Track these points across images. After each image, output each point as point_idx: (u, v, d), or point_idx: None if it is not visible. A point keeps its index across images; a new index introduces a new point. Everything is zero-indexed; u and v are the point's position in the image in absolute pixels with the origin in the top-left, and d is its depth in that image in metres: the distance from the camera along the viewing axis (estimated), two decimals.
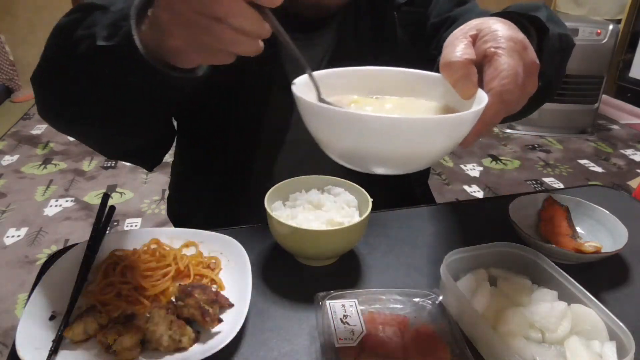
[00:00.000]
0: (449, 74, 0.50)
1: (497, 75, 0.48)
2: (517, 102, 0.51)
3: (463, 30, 0.53)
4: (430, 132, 0.42)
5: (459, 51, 0.50)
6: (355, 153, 0.45)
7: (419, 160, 0.46)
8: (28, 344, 0.53)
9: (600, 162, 3.08)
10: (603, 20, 3.50)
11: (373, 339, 0.55)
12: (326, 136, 0.46)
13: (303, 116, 0.47)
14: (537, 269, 0.65)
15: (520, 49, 0.50)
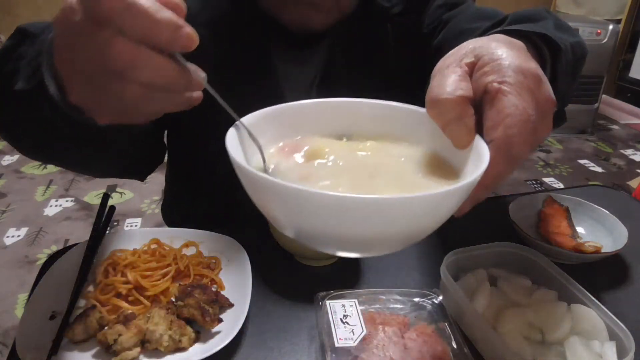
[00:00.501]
0: (438, 115, 0.39)
1: (501, 122, 0.36)
2: (527, 155, 0.40)
3: (456, 56, 0.41)
4: (407, 213, 0.32)
5: (450, 85, 0.38)
6: (311, 236, 0.35)
7: (395, 244, 0.37)
8: (28, 344, 0.53)
9: (600, 162, 3.08)
10: (603, 20, 3.50)
11: (373, 339, 0.55)
12: (270, 212, 0.35)
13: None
14: (537, 269, 0.65)
15: (533, 83, 0.38)
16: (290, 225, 0.36)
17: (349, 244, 0.36)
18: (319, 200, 0.30)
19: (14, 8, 3.74)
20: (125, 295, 0.62)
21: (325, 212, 0.31)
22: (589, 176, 2.90)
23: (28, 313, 0.57)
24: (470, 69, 0.40)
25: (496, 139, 0.36)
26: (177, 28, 0.34)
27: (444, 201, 0.33)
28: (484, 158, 0.35)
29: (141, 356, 0.54)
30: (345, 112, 0.46)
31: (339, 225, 0.32)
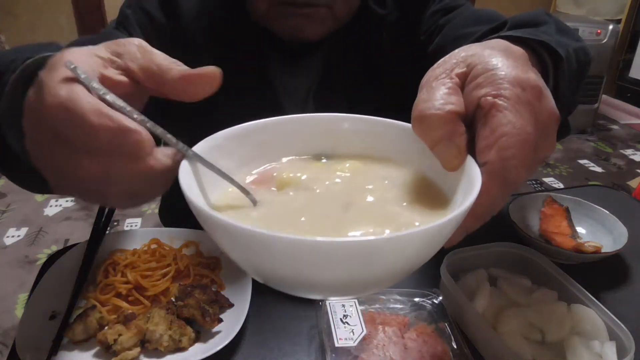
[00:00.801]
0: (424, 133, 0.34)
1: (495, 142, 0.32)
2: (525, 178, 0.35)
3: (446, 66, 0.37)
4: (388, 254, 0.27)
5: (439, 99, 0.34)
6: (280, 280, 0.31)
7: (377, 284, 0.33)
8: (28, 344, 0.53)
9: (600, 162, 3.08)
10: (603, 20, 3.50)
11: (373, 339, 0.55)
12: (233, 254, 0.31)
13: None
14: (537, 269, 0.65)
15: (532, 97, 0.34)
16: (250, 270, 0.32)
17: (317, 289, 0.31)
18: (275, 243, 0.26)
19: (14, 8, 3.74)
20: (125, 295, 0.62)
21: (285, 257, 0.27)
22: (589, 176, 2.90)
23: (28, 313, 0.57)
24: (462, 80, 0.36)
25: (490, 162, 0.32)
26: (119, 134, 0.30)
27: (426, 239, 0.28)
28: (474, 185, 0.31)
29: (141, 356, 0.54)
30: (323, 129, 0.42)
31: (300, 271, 0.28)
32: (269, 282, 0.32)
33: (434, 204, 0.36)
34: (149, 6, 0.75)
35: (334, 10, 0.73)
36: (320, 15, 0.73)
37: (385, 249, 0.27)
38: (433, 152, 0.35)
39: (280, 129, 0.41)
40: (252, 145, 0.40)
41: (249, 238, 0.27)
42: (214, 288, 0.63)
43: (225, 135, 0.39)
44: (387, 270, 0.29)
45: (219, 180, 0.36)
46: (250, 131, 0.40)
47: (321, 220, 0.34)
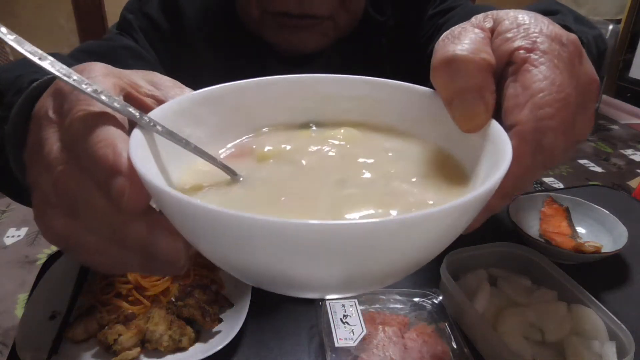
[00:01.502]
0: (447, 81, 0.29)
1: (528, 100, 0.26)
2: (563, 152, 0.28)
3: (471, 20, 0.32)
4: (395, 242, 0.21)
5: (471, 43, 0.28)
6: (261, 276, 0.25)
7: (381, 280, 0.26)
8: (28, 344, 0.53)
9: (600, 162, 3.08)
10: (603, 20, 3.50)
11: (373, 339, 0.55)
12: (201, 245, 0.26)
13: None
14: (537, 269, 0.65)
15: (573, 55, 0.29)
16: (225, 264, 0.27)
17: (308, 285, 0.25)
18: (251, 228, 0.20)
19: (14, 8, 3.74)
20: (125, 295, 0.62)
21: (266, 246, 0.21)
22: (589, 176, 2.90)
23: (28, 313, 0.57)
24: (491, 34, 0.30)
25: (521, 122, 0.26)
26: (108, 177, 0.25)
27: (446, 222, 0.22)
28: (505, 152, 0.25)
29: (141, 356, 0.54)
30: (313, 93, 0.35)
31: (284, 263, 0.22)
32: (249, 278, 0.27)
33: (451, 179, 0.30)
34: (151, 11, 0.75)
35: (336, 22, 0.72)
36: (323, 28, 0.71)
37: (393, 235, 0.21)
38: (450, 107, 0.29)
39: (261, 92, 0.34)
40: (226, 112, 0.33)
41: (220, 222, 0.21)
42: (214, 288, 0.63)
43: (193, 99, 0.32)
44: (393, 261, 0.23)
45: (184, 154, 0.29)
46: (224, 94, 0.33)
47: (310, 200, 0.28)
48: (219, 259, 0.26)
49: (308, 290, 0.27)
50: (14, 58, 3.74)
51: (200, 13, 0.77)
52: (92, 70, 0.29)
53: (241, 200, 0.28)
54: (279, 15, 0.69)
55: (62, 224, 0.28)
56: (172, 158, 0.30)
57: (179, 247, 0.27)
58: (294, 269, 0.23)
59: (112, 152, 0.25)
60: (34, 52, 0.26)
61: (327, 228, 0.20)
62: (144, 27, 0.74)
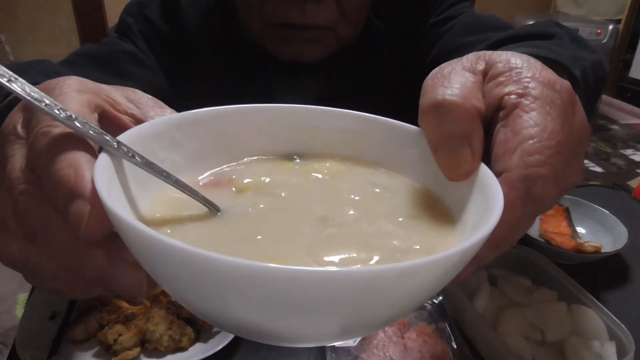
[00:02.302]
0: (435, 125, 0.28)
1: (517, 146, 0.25)
2: (554, 201, 0.29)
3: (462, 61, 0.31)
4: (376, 293, 0.19)
5: (462, 88, 0.28)
6: (212, 318, 0.23)
7: (362, 329, 0.25)
8: (28, 344, 0.53)
9: (600, 162, 3.08)
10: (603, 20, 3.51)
11: (373, 339, 0.55)
12: (160, 281, 0.23)
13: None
14: (537, 269, 0.65)
15: (566, 102, 0.28)
16: (178, 297, 0.24)
17: (266, 334, 0.23)
18: (217, 269, 0.18)
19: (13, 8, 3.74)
20: None
21: (233, 289, 0.19)
22: (589, 176, 2.90)
23: (28, 313, 0.57)
24: (483, 77, 0.30)
25: (510, 169, 0.25)
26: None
27: (433, 274, 0.21)
28: (496, 200, 0.24)
29: (141, 356, 0.54)
30: (299, 124, 0.34)
31: (250, 309, 0.20)
32: (216, 323, 0.25)
33: (438, 223, 0.29)
34: (151, 15, 0.74)
35: (338, 32, 0.71)
36: (324, 38, 0.71)
37: (375, 285, 0.19)
38: (436, 152, 0.28)
39: (244, 119, 0.33)
40: (206, 138, 0.32)
41: (183, 260, 0.19)
42: None
43: (172, 121, 0.30)
44: (374, 313, 0.21)
45: (157, 181, 0.27)
46: (205, 119, 0.31)
47: (287, 239, 0.26)
48: (182, 300, 0.24)
49: (281, 340, 0.24)
50: (14, 58, 3.74)
51: (201, 19, 0.76)
52: (65, 85, 0.27)
53: (213, 236, 0.26)
54: (280, 26, 0.69)
55: (18, 248, 0.26)
56: (144, 184, 0.28)
57: (140, 280, 0.25)
58: (259, 316, 0.21)
59: (74, 174, 0.23)
60: (3, 74, 0.24)
61: (294, 274, 0.18)
62: (144, 31, 0.74)
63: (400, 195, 0.31)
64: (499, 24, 0.70)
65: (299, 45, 0.71)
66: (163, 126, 0.30)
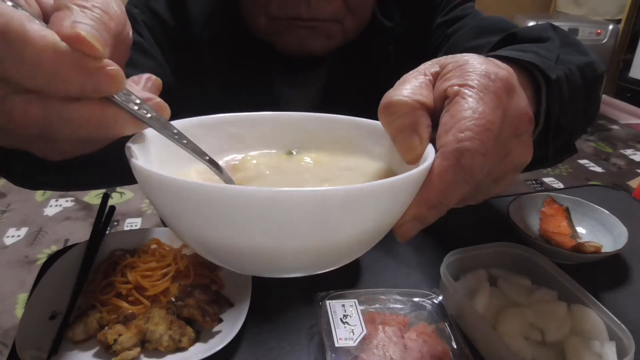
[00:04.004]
0: (389, 121, 0.34)
1: (452, 126, 0.31)
2: (491, 182, 0.35)
3: (422, 67, 0.37)
4: (311, 210, 0.26)
5: (408, 89, 0.34)
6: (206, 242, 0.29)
7: (330, 252, 0.30)
8: (28, 344, 0.53)
9: (600, 162, 3.08)
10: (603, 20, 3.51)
11: (373, 339, 0.55)
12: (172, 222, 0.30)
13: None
14: (537, 269, 0.65)
15: (500, 89, 0.32)
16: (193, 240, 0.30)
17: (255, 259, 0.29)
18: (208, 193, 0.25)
19: None
20: (125, 295, 0.62)
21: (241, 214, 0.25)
22: (589, 176, 2.90)
23: (28, 313, 0.57)
24: (434, 78, 0.36)
25: (444, 144, 0.30)
26: (90, 72, 0.26)
27: (365, 199, 0.27)
28: (427, 162, 0.30)
29: (141, 356, 0.54)
30: (296, 127, 0.41)
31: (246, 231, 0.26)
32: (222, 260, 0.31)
33: None
34: (157, 7, 0.74)
35: (343, 24, 0.71)
36: (329, 30, 0.71)
37: (337, 202, 0.26)
38: (395, 142, 0.34)
39: (253, 123, 0.41)
40: (222, 137, 0.39)
41: (186, 190, 0.25)
42: (214, 288, 0.63)
43: (193, 122, 0.37)
44: (340, 232, 0.28)
45: (176, 159, 0.34)
46: (222, 122, 0.39)
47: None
48: (183, 231, 0.30)
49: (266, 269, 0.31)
50: None
51: (205, 13, 0.76)
52: None
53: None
54: (287, 21, 0.69)
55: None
56: (166, 162, 0.34)
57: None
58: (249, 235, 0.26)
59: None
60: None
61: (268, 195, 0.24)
62: (149, 22, 0.74)
63: (367, 173, 0.38)
64: (506, 26, 0.70)
65: (305, 36, 0.71)
66: (189, 125, 0.37)
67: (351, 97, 0.79)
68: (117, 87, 0.27)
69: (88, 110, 0.27)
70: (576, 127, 0.58)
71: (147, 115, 0.30)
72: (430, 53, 0.78)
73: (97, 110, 0.27)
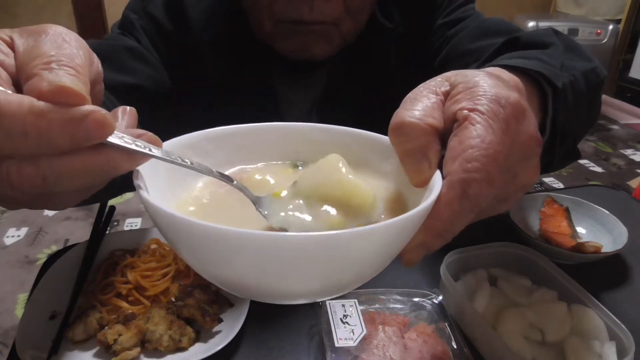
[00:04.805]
0: (399, 142, 0.34)
1: (460, 154, 0.31)
2: (497, 202, 0.35)
3: (431, 84, 0.36)
4: (314, 254, 0.26)
5: (419, 109, 0.33)
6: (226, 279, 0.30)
7: (336, 284, 0.31)
8: (28, 344, 0.53)
9: (600, 162, 3.08)
10: (603, 20, 3.51)
11: (373, 339, 0.55)
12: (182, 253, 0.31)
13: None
14: (537, 269, 0.65)
15: (510, 115, 0.32)
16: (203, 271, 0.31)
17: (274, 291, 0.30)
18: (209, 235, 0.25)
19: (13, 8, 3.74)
20: (125, 295, 0.62)
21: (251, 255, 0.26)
22: (589, 176, 2.90)
23: (28, 313, 0.57)
24: (445, 98, 0.35)
25: (451, 173, 0.31)
26: (77, 123, 0.25)
27: (376, 240, 0.27)
28: (432, 194, 0.30)
29: (141, 356, 0.54)
30: (303, 138, 0.41)
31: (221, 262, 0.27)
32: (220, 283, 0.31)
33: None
34: (155, 11, 0.74)
35: (341, 28, 0.71)
36: (328, 33, 0.71)
37: (347, 244, 0.26)
38: (403, 163, 0.34)
39: (261, 135, 0.41)
40: (231, 149, 0.40)
41: (201, 234, 0.26)
42: (214, 288, 0.63)
43: (203, 135, 0.38)
44: (354, 267, 0.29)
45: (182, 183, 0.36)
46: (230, 133, 0.39)
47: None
48: (200, 266, 0.31)
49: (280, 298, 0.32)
50: None
51: (205, 16, 0.76)
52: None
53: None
54: (291, 24, 0.69)
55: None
56: (174, 189, 0.35)
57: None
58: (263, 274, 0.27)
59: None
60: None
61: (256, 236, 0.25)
62: (147, 27, 0.74)
63: (380, 193, 0.38)
64: (506, 28, 0.71)
65: (306, 40, 0.71)
66: (197, 139, 0.37)
67: (352, 98, 0.79)
68: (108, 130, 0.26)
69: (81, 159, 0.27)
70: (579, 132, 0.58)
71: (146, 149, 0.29)
72: (430, 54, 0.78)
73: (90, 157, 0.27)
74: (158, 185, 0.33)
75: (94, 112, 0.26)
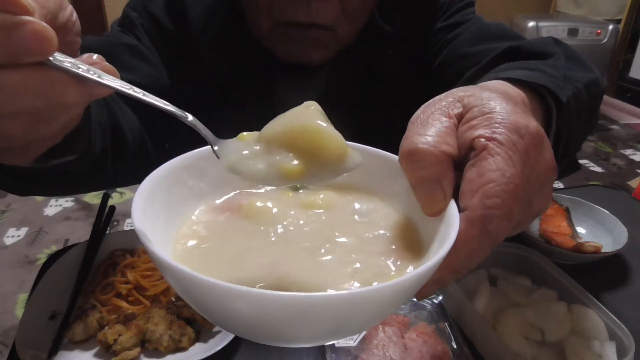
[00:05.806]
0: (411, 170, 0.32)
1: (479, 187, 0.29)
2: (508, 233, 0.33)
3: (442, 103, 0.34)
4: (333, 314, 0.25)
5: (435, 136, 0.32)
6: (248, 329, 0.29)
7: (337, 334, 0.31)
8: (28, 344, 0.53)
9: (600, 162, 3.08)
10: (603, 20, 3.50)
11: (373, 339, 0.55)
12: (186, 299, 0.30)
13: None
14: (537, 269, 0.65)
15: (531, 146, 0.31)
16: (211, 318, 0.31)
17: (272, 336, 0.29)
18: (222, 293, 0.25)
19: None
20: (125, 295, 0.62)
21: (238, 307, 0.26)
22: (589, 176, 2.90)
23: (28, 313, 0.57)
24: (458, 121, 0.33)
25: (471, 208, 0.29)
26: (10, 29, 0.23)
27: (387, 297, 0.26)
28: (450, 234, 0.28)
29: (141, 356, 0.54)
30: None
31: (260, 323, 0.27)
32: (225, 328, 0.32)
33: (411, 252, 0.34)
34: (155, 10, 0.74)
35: (337, 32, 0.71)
36: (324, 39, 0.71)
37: (341, 305, 0.25)
38: (415, 191, 0.32)
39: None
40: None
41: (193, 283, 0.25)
42: None
43: (197, 154, 0.36)
44: (349, 324, 0.28)
45: (186, 199, 0.35)
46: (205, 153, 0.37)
47: (280, 269, 0.32)
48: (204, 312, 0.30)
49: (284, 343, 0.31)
50: None
51: (205, 16, 0.75)
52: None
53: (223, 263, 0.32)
54: (288, 26, 0.69)
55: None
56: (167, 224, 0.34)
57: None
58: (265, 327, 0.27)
59: None
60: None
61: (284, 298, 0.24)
62: (148, 26, 0.73)
63: (384, 227, 0.36)
64: (505, 33, 0.70)
65: (303, 46, 0.71)
66: (191, 159, 0.36)
67: (351, 101, 0.79)
68: (47, 44, 0.24)
69: (20, 76, 0.24)
70: (580, 143, 0.58)
71: (95, 76, 0.27)
72: (429, 57, 0.78)
73: (31, 74, 0.25)
74: (154, 212, 0.32)
75: (32, 22, 0.23)
